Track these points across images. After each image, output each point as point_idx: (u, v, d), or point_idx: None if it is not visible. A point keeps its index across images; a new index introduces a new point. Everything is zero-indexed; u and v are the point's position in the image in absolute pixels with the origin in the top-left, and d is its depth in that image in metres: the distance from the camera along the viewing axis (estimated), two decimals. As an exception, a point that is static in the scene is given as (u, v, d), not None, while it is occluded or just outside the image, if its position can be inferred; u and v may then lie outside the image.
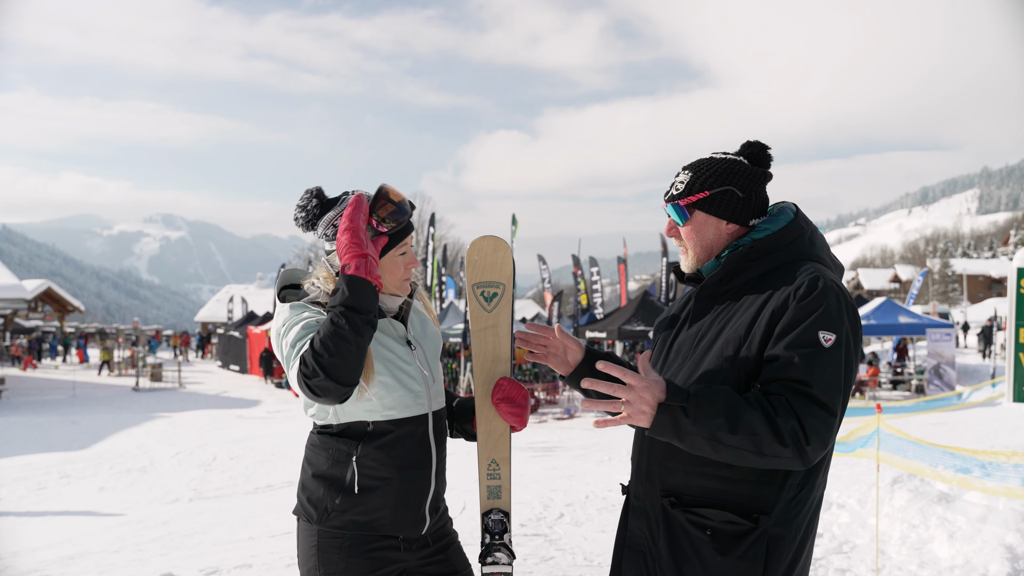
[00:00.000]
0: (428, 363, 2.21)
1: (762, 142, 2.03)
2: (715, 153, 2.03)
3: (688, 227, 2.00)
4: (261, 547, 6.15)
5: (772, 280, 1.90)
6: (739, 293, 1.95)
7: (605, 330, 17.87)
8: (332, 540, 2.06)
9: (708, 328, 1.97)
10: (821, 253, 1.98)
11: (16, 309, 28.23)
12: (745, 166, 1.99)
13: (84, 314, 53.48)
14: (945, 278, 79.89)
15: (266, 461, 10.83)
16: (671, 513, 1.89)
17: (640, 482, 2.01)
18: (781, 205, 2.06)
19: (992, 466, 5.38)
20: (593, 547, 5.97)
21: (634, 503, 2.02)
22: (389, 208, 2.08)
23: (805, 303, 1.79)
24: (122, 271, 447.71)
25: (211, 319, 49.97)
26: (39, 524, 7.43)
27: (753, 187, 1.98)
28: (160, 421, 15.95)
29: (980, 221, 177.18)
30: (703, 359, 1.92)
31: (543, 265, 27.96)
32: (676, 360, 2.01)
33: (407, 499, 2.10)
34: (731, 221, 1.98)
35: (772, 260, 1.93)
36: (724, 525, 1.82)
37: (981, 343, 27.88)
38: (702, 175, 1.98)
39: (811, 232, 1.99)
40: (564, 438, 13.12)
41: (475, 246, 2.30)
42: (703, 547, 1.83)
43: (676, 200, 2.00)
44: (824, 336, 1.77)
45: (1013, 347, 10.31)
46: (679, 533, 1.87)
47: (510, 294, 2.31)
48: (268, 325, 27.04)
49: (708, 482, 1.86)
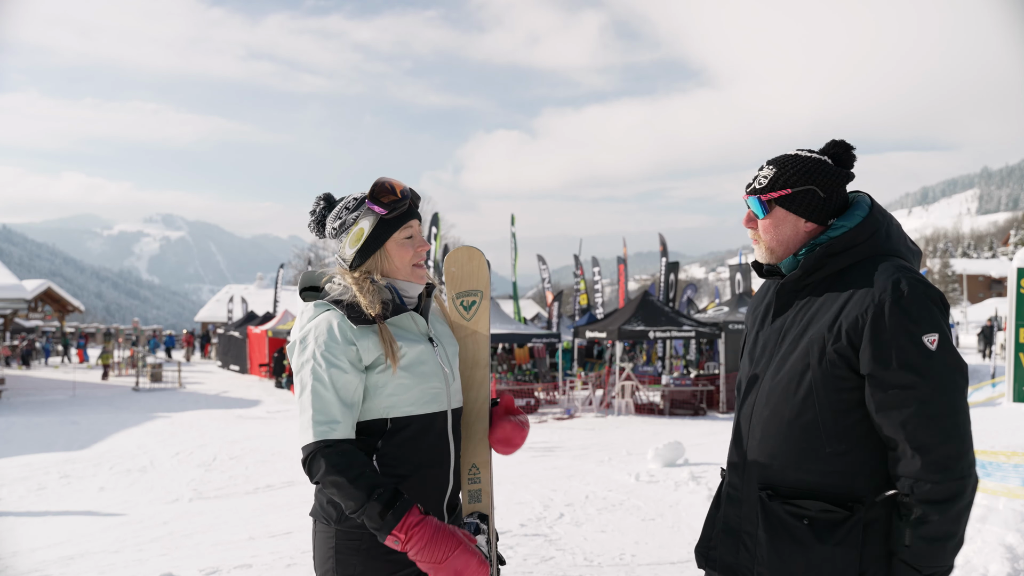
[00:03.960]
0: (448, 360, 2.21)
1: (847, 142, 2.04)
2: (800, 150, 2.05)
3: (767, 221, 2.04)
4: (261, 547, 6.15)
5: (853, 276, 1.93)
6: (820, 289, 1.98)
7: (605, 330, 17.86)
8: (350, 542, 2.04)
9: (792, 324, 2.01)
10: (898, 245, 2.00)
11: (16, 309, 28.18)
12: (828, 166, 2.01)
13: (84, 314, 53.44)
14: (945, 278, 79.95)
15: (266, 461, 10.83)
16: (768, 505, 1.95)
17: (737, 474, 2.06)
18: (856, 197, 2.07)
19: (992, 466, 5.39)
20: (593, 547, 5.97)
21: (729, 491, 2.08)
22: (389, 195, 2.11)
23: (897, 310, 1.82)
24: (122, 271, 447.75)
25: (211, 319, 49.97)
26: (39, 524, 7.43)
27: (835, 188, 2.01)
28: (160, 421, 15.94)
29: (980, 221, 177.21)
30: (789, 357, 1.97)
31: (543, 265, 27.96)
32: (763, 356, 2.06)
33: (426, 497, 2.09)
34: (810, 220, 2.01)
35: (850, 256, 1.96)
36: (821, 514, 1.88)
37: (981, 343, 27.88)
38: (786, 171, 2.00)
39: (887, 224, 2.01)
40: (564, 438, 13.12)
41: (451, 258, 2.37)
42: (802, 535, 1.89)
43: (758, 194, 2.03)
44: (928, 339, 1.81)
45: (1013, 347, 10.30)
46: (776, 523, 1.93)
47: (487, 300, 2.37)
48: (268, 325, 27.04)
49: (804, 476, 1.92)
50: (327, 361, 2.00)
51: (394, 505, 1.91)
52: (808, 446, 1.91)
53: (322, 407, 1.99)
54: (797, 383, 1.93)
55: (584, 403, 18.32)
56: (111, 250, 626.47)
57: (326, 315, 2.07)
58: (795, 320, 2.01)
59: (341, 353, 2.01)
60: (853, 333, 1.85)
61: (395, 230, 2.13)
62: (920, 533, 1.81)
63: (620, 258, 28.30)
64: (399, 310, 2.12)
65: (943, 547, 1.80)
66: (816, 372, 1.89)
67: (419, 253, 2.18)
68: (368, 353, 2.04)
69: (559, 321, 23.53)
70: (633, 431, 14.16)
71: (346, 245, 2.15)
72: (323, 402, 1.99)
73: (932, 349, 1.80)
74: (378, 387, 2.07)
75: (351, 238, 2.14)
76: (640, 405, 17.44)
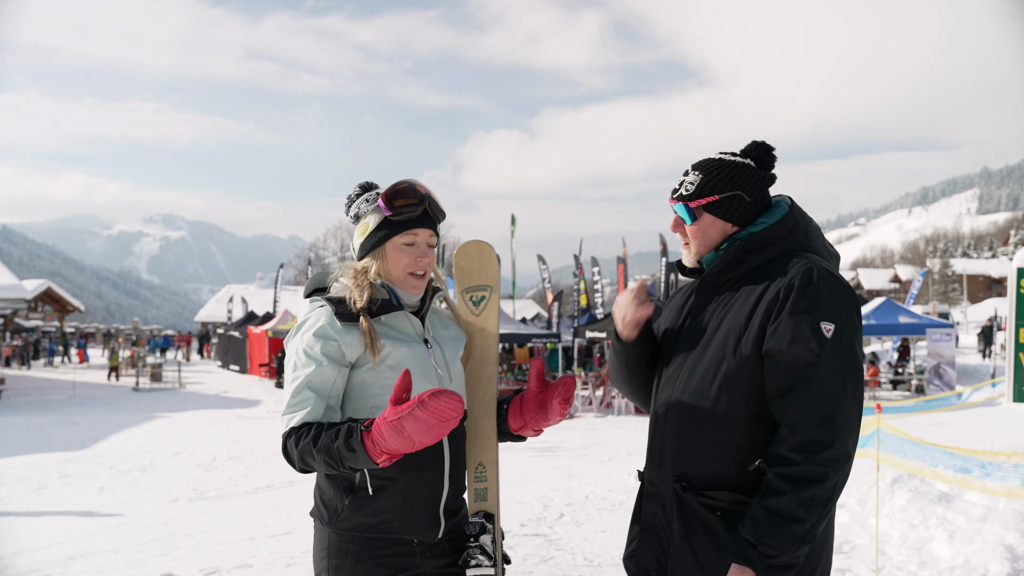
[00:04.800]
0: (445, 363, 2.16)
1: (768, 143, 2.09)
2: (723, 154, 2.08)
3: (695, 227, 2.07)
4: (261, 547, 6.15)
5: (769, 271, 1.97)
6: (737, 284, 2.02)
7: (605, 330, 17.87)
8: (342, 544, 2.04)
9: (709, 319, 2.03)
10: (816, 243, 2.06)
11: (16, 309, 28.23)
12: (753, 170, 2.05)
13: (84, 314, 53.46)
14: (945, 278, 79.90)
15: (266, 461, 10.83)
16: (683, 497, 1.95)
17: (654, 468, 2.07)
18: (777, 199, 2.13)
19: (992, 466, 5.39)
20: (593, 547, 5.97)
21: (648, 488, 2.08)
22: (402, 197, 2.09)
23: (801, 295, 1.86)
24: (122, 271, 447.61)
25: (211, 319, 49.96)
26: (39, 524, 7.43)
27: (759, 191, 2.06)
28: (160, 421, 15.94)
29: (980, 221, 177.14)
30: (706, 351, 1.99)
31: (543, 265, 27.96)
32: (681, 351, 2.07)
33: (416, 500, 2.06)
34: (736, 224, 2.05)
35: (769, 252, 2.00)
36: (733, 505, 1.88)
37: (981, 343, 27.88)
38: (712, 178, 2.03)
39: (806, 224, 2.07)
40: (564, 438, 13.12)
41: (461, 252, 2.32)
42: (714, 527, 1.89)
43: (685, 200, 2.06)
44: (825, 326, 1.84)
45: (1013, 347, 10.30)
46: (690, 515, 1.93)
47: (496, 296, 2.32)
48: (268, 325, 27.03)
49: (718, 467, 1.92)
50: (306, 355, 2.02)
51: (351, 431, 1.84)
52: (721, 437, 1.92)
53: (296, 401, 2.00)
54: (713, 375, 1.94)
55: (584, 403, 18.33)
56: (111, 250, 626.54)
57: (316, 311, 2.08)
58: (712, 316, 2.03)
59: (320, 348, 2.01)
60: (765, 318, 1.89)
61: (397, 233, 2.10)
62: (766, 504, 1.79)
63: (620, 258, 28.29)
64: (391, 309, 2.09)
65: (785, 527, 1.76)
66: (731, 363, 1.92)
67: (417, 263, 2.12)
68: (351, 349, 2.03)
69: (559, 321, 23.53)
70: (633, 431, 14.16)
71: (356, 234, 2.17)
72: (297, 396, 2.00)
73: (826, 336, 1.83)
74: (365, 386, 2.05)
75: (359, 229, 2.16)
76: (640, 405, 17.43)
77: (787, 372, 1.85)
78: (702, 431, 1.95)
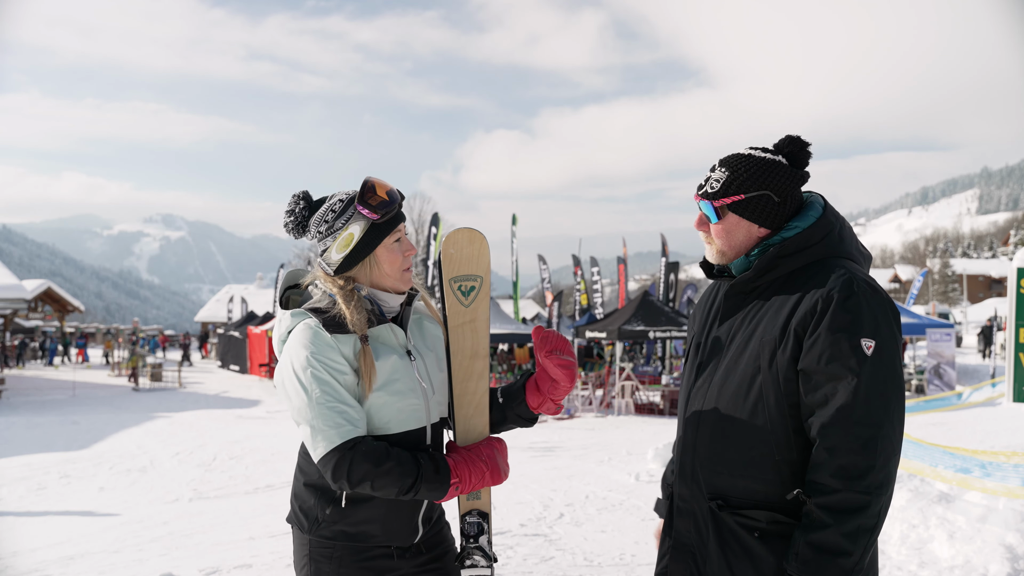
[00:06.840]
0: (428, 375, 2.12)
1: (803, 139, 1.96)
2: (753, 149, 1.96)
3: (719, 226, 1.95)
4: (261, 547, 6.15)
5: (803, 278, 1.87)
6: (769, 292, 1.91)
7: (605, 330, 17.86)
8: (323, 550, 2.03)
9: (740, 327, 1.93)
10: (850, 248, 1.94)
11: (16, 309, 28.17)
12: (783, 168, 1.93)
13: (84, 314, 53.45)
14: (945, 278, 79.93)
15: (266, 461, 10.83)
16: (719, 515, 1.87)
17: (685, 484, 1.98)
18: (809, 197, 2.01)
19: (992, 466, 5.39)
20: (593, 547, 5.97)
21: (679, 504, 2.00)
22: (378, 198, 2.05)
23: (841, 309, 1.76)
24: (122, 271, 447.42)
25: (211, 319, 49.97)
26: (39, 524, 7.42)
27: (789, 191, 1.93)
28: (160, 421, 15.94)
29: (980, 221, 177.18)
30: (738, 362, 1.89)
31: (543, 265, 27.96)
32: (711, 361, 1.98)
33: (398, 511, 2.04)
34: (764, 226, 1.94)
35: (802, 257, 1.89)
36: (772, 526, 1.81)
37: (981, 343, 27.87)
38: (739, 176, 1.91)
39: (840, 226, 1.94)
40: (564, 438, 13.12)
41: (450, 239, 2.21)
42: (753, 548, 1.81)
43: (710, 199, 1.94)
44: (865, 343, 1.74)
45: (1013, 347, 10.32)
46: (728, 535, 1.85)
47: (487, 287, 2.21)
48: (268, 325, 27.02)
49: (755, 484, 1.84)
50: (323, 364, 1.94)
51: (439, 462, 1.97)
52: (758, 453, 1.83)
53: (337, 409, 1.92)
54: (747, 388, 1.85)
55: (584, 403, 18.32)
56: (111, 250, 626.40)
57: (306, 322, 2.00)
58: (744, 323, 1.93)
59: (335, 354, 1.96)
60: (801, 331, 1.79)
61: (385, 235, 2.07)
62: (809, 539, 1.71)
63: (620, 258, 28.31)
64: (379, 322, 2.06)
65: (832, 562, 1.68)
66: (767, 376, 1.82)
67: (407, 258, 2.12)
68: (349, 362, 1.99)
69: (559, 321, 23.52)
70: (633, 431, 14.16)
71: (332, 250, 2.06)
72: (336, 404, 1.92)
73: (867, 354, 1.73)
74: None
75: (339, 243, 2.05)
76: (640, 405, 17.45)
77: (825, 391, 1.75)
78: (736, 446, 1.86)
